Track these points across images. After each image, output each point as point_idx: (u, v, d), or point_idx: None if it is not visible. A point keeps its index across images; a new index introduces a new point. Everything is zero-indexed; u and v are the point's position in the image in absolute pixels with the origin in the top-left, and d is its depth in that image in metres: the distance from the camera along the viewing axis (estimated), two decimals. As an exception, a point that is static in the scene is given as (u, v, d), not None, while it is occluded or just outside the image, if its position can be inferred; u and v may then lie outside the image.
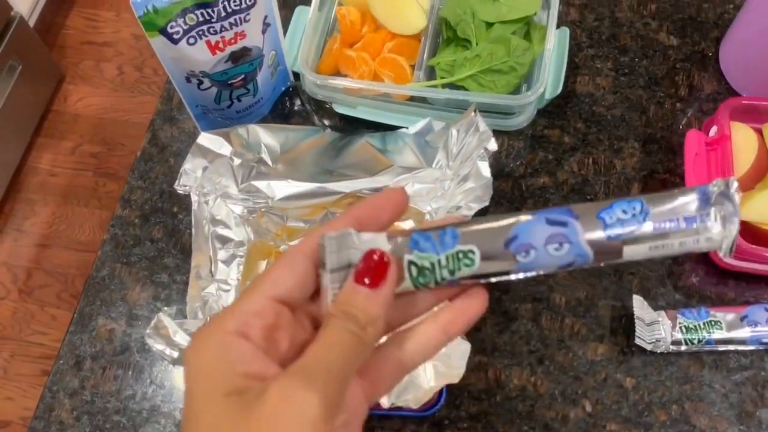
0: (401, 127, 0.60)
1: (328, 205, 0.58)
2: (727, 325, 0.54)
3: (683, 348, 0.54)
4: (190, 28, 0.54)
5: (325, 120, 0.66)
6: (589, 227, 0.27)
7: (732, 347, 0.54)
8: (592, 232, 0.27)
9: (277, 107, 0.67)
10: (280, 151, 0.59)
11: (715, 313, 0.55)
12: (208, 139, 0.56)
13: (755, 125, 0.59)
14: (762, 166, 0.58)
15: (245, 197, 0.57)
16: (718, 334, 0.54)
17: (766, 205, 0.55)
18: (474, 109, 0.56)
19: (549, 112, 0.65)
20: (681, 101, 0.65)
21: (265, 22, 0.58)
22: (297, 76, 0.67)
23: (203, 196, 0.56)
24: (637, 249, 0.27)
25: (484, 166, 0.54)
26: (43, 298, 1.40)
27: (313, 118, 0.67)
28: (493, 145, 0.54)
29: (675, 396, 0.54)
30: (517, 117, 0.63)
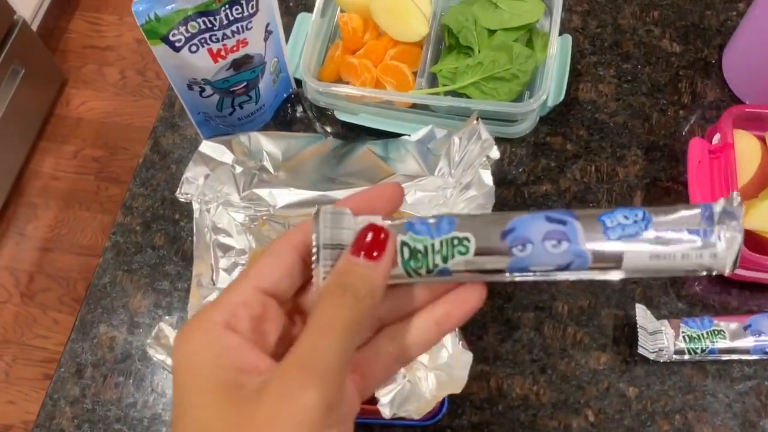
0: (403, 135, 0.60)
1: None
2: (730, 335, 0.54)
3: (686, 357, 0.54)
4: (192, 36, 0.54)
5: (327, 127, 0.66)
6: (589, 228, 0.26)
7: (735, 356, 0.54)
8: (592, 234, 0.26)
9: (279, 114, 0.67)
10: (281, 159, 0.59)
11: (718, 323, 0.54)
12: (209, 147, 0.56)
13: (758, 133, 0.59)
14: (765, 174, 0.57)
15: (247, 205, 0.57)
16: (722, 344, 0.54)
17: (770, 214, 0.54)
18: (476, 117, 0.56)
19: (551, 119, 0.65)
20: (684, 108, 0.65)
21: (267, 30, 0.58)
22: (299, 83, 0.66)
23: (205, 204, 0.56)
24: (637, 256, 0.26)
25: (487, 174, 0.54)
26: (45, 302, 1.40)
27: (315, 125, 0.67)
28: (495, 153, 0.54)
29: (678, 406, 0.53)
30: (520, 124, 0.63)
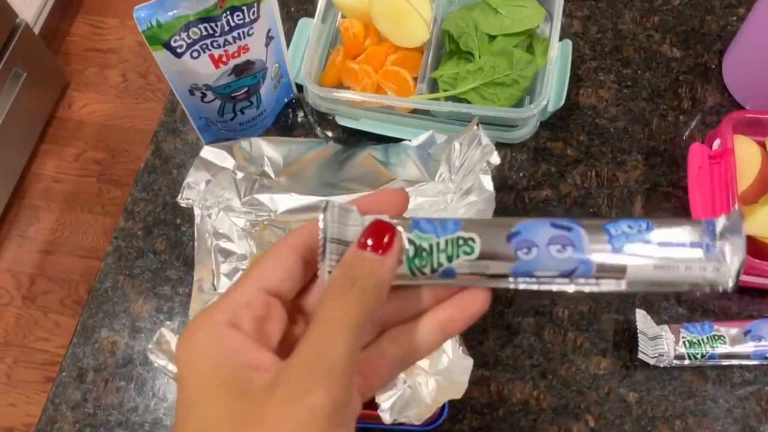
0: (404, 140, 0.60)
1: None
2: (730, 340, 0.54)
3: (686, 362, 0.54)
4: (193, 42, 0.54)
5: (328, 132, 0.66)
6: (594, 236, 0.27)
7: (736, 362, 0.54)
8: (596, 241, 0.26)
9: (281, 119, 0.67)
10: (282, 164, 0.59)
11: (718, 328, 0.54)
12: (211, 152, 0.56)
13: (758, 138, 0.59)
14: (765, 179, 0.57)
15: (248, 210, 0.57)
16: (722, 349, 0.54)
17: (770, 220, 0.54)
18: (477, 123, 0.56)
19: (552, 124, 0.65)
20: (684, 114, 0.65)
21: (269, 36, 0.59)
22: (300, 88, 0.67)
23: (206, 210, 0.56)
24: (641, 265, 0.26)
25: (487, 179, 0.54)
26: (47, 305, 1.40)
27: (316, 130, 0.67)
28: (495, 159, 0.54)
29: (678, 411, 0.53)
30: (520, 129, 0.63)
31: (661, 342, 0.53)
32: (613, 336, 0.56)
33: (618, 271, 0.26)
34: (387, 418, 0.46)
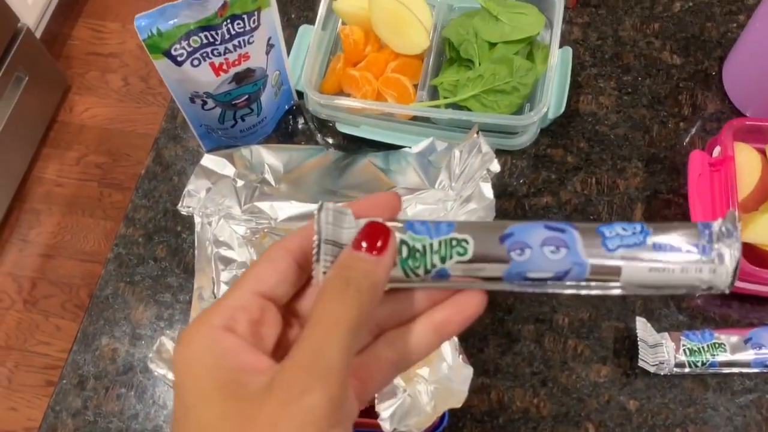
0: (404, 147, 0.61)
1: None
2: (731, 348, 0.54)
3: (687, 370, 0.54)
4: (194, 50, 0.54)
5: (329, 138, 0.67)
6: (588, 238, 0.27)
7: (736, 370, 0.54)
8: (590, 243, 0.26)
9: (281, 126, 0.67)
10: (283, 171, 0.59)
11: (719, 336, 0.54)
12: (211, 160, 0.56)
13: (759, 146, 0.59)
14: (766, 187, 0.57)
15: (248, 218, 0.57)
16: (722, 357, 0.54)
17: (770, 228, 0.54)
18: (477, 131, 0.56)
19: (552, 131, 0.65)
20: (684, 121, 0.65)
21: (269, 44, 0.59)
22: (301, 95, 0.67)
23: (206, 217, 0.56)
24: (636, 268, 0.26)
25: (487, 187, 0.54)
26: (48, 309, 1.40)
27: (317, 137, 0.67)
28: (495, 167, 0.55)
29: (679, 419, 0.53)
30: (520, 137, 0.63)
31: (661, 350, 0.53)
32: (613, 344, 0.56)
33: (612, 273, 0.26)
34: (387, 427, 0.46)
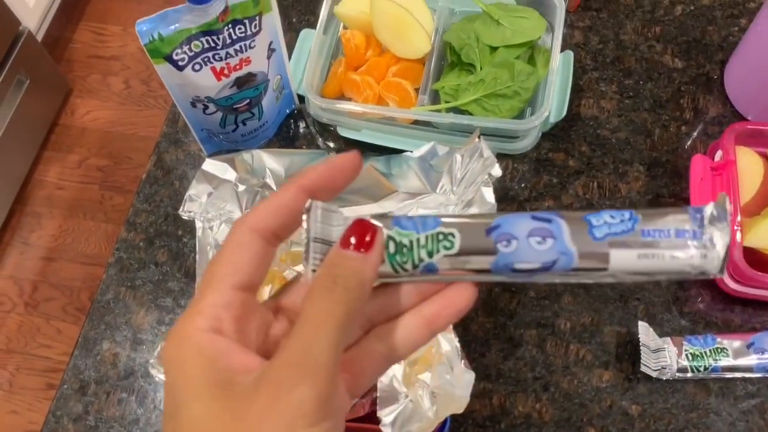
0: (405, 151, 0.60)
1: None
2: (733, 353, 0.54)
3: (689, 375, 0.54)
4: (195, 55, 0.54)
5: (330, 143, 0.66)
6: (575, 227, 0.26)
7: (739, 375, 0.54)
8: (577, 232, 0.26)
9: (282, 130, 0.67)
10: (284, 176, 0.59)
11: (721, 341, 0.54)
12: (212, 165, 0.56)
13: (761, 150, 0.59)
14: (768, 191, 0.57)
15: (250, 222, 0.57)
16: (725, 362, 0.53)
17: (773, 232, 0.54)
18: (478, 135, 0.56)
19: (553, 135, 0.65)
20: (686, 124, 0.65)
21: (270, 48, 0.59)
22: (302, 99, 0.67)
23: (207, 222, 0.56)
24: (624, 255, 0.26)
25: (489, 191, 0.54)
26: (49, 312, 1.40)
27: (318, 141, 0.67)
28: (497, 171, 0.54)
29: (681, 424, 0.53)
30: (522, 141, 0.63)
31: (663, 354, 0.53)
32: (615, 348, 0.56)
33: (600, 262, 0.26)
34: (389, 432, 0.46)
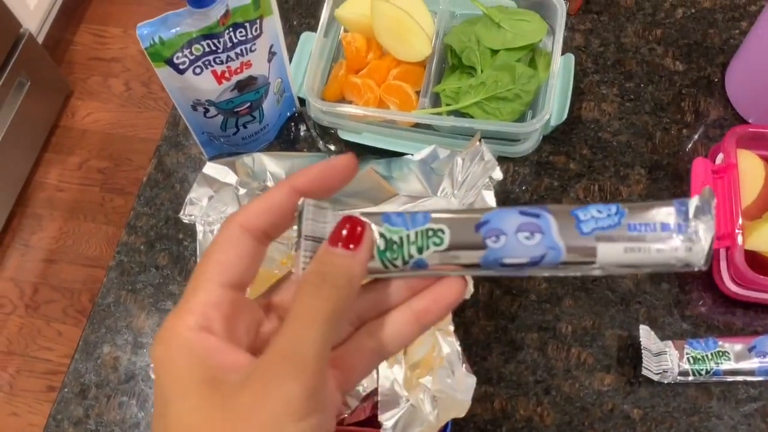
0: (406, 154, 0.60)
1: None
2: (735, 356, 0.54)
3: (691, 379, 0.53)
4: (196, 58, 0.54)
5: (331, 145, 0.66)
6: (563, 222, 0.27)
7: (740, 378, 0.54)
8: (565, 227, 0.27)
9: (283, 133, 0.67)
10: (285, 178, 0.59)
11: (723, 344, 0.54)
12: (213, 168, 0.56)
13: (762, 153, 0.59)
14: (769, 194, 0.57)
15: (250, 226, 0.57)
16: (727, 365, 0.53)
17: (774, 235, 0.54)
18: (479, 138, 0.56)
19: (554, 138, 0.65)
20: (687, 127, 0.65)
21: (271, 51, 0.59)
22: (303, 102, 0.67)
23: (208, 226, 0.56)
24: (611, 249, 0.26)
25: (490, 195, 0.54)
26: (50, 314, 1.40)
27: (319, 144, 0.67)
28: (498, 175, 0.54)
29: (683, 428, 0.53)
30: (523, 144, 0.63)
31: (665, 358, 0.53)
32: (616, 352, 0.56)
33: (588, 256, 0.27)
34: (390, 437, 0.45)
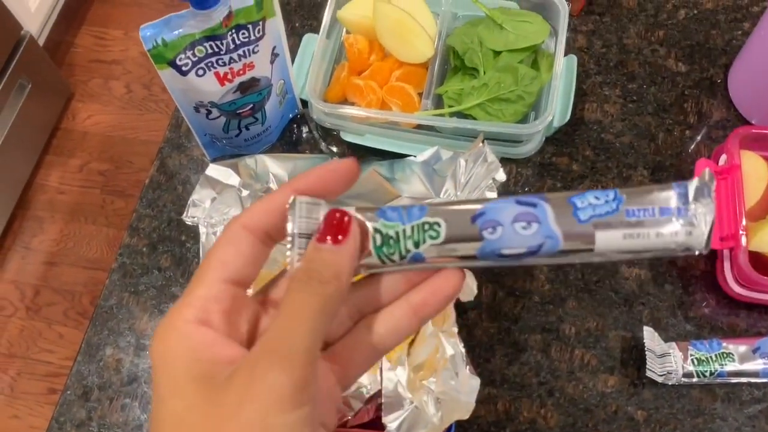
0: (409, 155, 0.60)
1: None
2: (739, 357, 0.53)
3: (695, 380, 0.53)
4: (198, 60, 0.54)
5: (333, 147, 0.66)
6: (560, 210, 0.26)
7: (745, 380, 0.54)
8: (562, 215, 0.26)
9: (285, 135, 0.67)
10: (287, 181, 0.59)
11: (727, 345, 0.54)
12: (216, 170, 0.56)
13: (765, 154, 0.59)
14: (773, 195, 0.57)
15: (253, 227, 0.57)
16: (731, 367, 0.53)
17: (778, 236, 0.54)
18: (482, 140, 0.56)
19: (557, 139, 0.65)
20: (690, 128, 0.65)
21: (274, 53, 0.59)
22: (305, 104, 0.67)
23: (211, 227, 0.56)
24: (610, 236, 0.26)
25: (493, 196, 0.54)
26: (51, 316, 1.40)
27: (321, 146, 0.67)
28: (501, 176, 0.54)
29: (687, 429, 0.53)
30: (525, 145, 0.63)
31: (669, 359, 0.53)
32: (620, 353, 0.56)
33: (586, 243, 0.26)
34: (394, 439, 0.45)
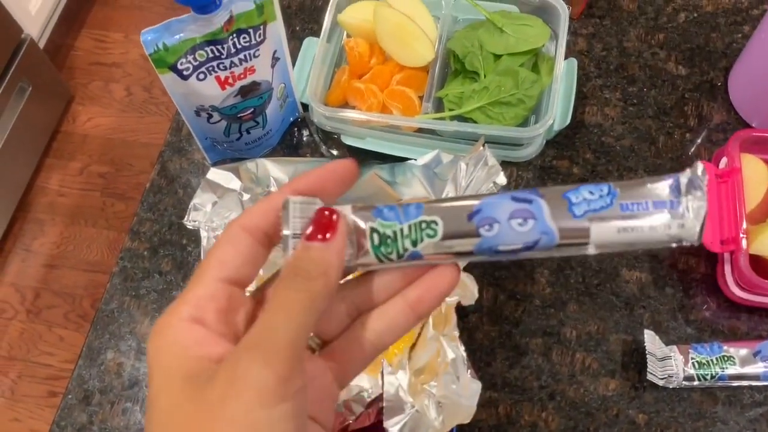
0: (410, 159, 0.60)
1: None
2: (740, 361, 0.53)
3: (696, 384, 0.53)
4: (200, 64, 0.54)
5: (334, 151, 0.66)
6: (555, 205, 0.27)
7: (746, 383, 0.54)
8: (558, 211, 0.27)
9: (286, 138, 0.67)
10: (287, 182, 0.59)
11: (728, 348, 0.54)
12: (217, 174, 0.56)
13: (766, 157, 0.59)
14: (773, 198, 0.57)
15: (254, 231, 0.57)
16: (732, 370, 0.53)
17: (779, 240, 0.54)
18: (483, 143, 0.56)
19: (557, 142, 0.65)
20: (690, 131, 0.65)
21: (275, 57, 0.59)
22: (306, 107, 0.67)
23: (212, 231, 0.56)
24: (604, 230, 0.27)
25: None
26: (51, 319, 1.40)
27: (322, 149, 0.67)
28: (502, 179, 0.54)
29: (688, 433, 0.53)
30: (526, 148, 0.63)
31: (670, 363, 0.53)
32: (621, 357, 0.56)
33: (581, 237, 0.27)
34: (395, 443, 0.45)
